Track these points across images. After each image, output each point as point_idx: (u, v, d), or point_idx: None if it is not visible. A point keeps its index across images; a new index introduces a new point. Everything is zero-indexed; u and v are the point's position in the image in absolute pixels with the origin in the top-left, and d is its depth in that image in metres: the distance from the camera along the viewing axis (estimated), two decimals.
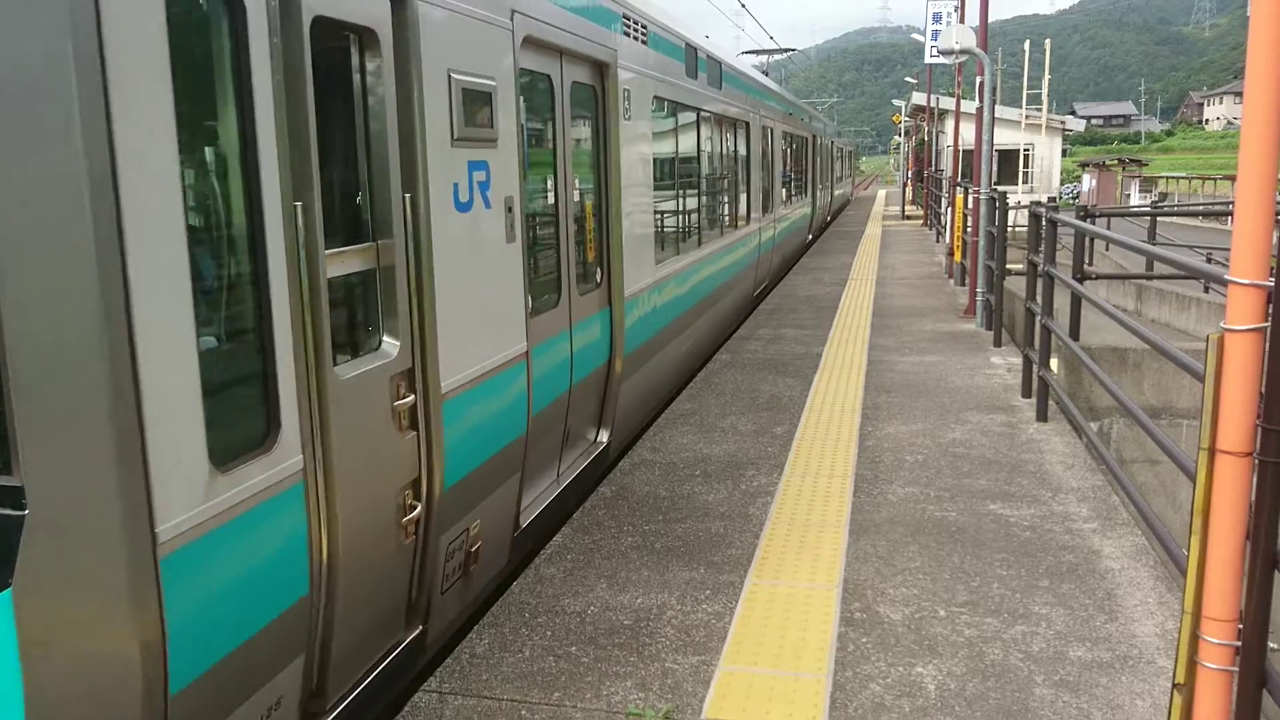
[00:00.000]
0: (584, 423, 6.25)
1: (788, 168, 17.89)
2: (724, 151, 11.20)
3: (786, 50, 32.32)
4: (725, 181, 11.41)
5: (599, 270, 6.34)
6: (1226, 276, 2.93)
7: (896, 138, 74.97)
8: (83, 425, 2.29)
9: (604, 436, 6.53)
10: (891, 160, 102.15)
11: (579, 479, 6.01)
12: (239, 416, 2.91)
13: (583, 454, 6.23)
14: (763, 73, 21.21)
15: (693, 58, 8.91)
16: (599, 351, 6.30)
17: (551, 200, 5.52)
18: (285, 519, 3.02)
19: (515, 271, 4.70)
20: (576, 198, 5.87)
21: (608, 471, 6.53)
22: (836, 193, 33.95)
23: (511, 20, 4.68)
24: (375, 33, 3.50)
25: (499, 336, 4.54)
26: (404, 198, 3.65)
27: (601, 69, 6.31)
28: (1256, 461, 2.90)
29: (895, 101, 62.89)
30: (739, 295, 12.23)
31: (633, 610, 4.42)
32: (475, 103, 4.17)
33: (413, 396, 3.70)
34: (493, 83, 4.35)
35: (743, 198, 12.49)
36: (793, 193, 18.66)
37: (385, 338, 3.61)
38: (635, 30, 6.99)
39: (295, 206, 3.04)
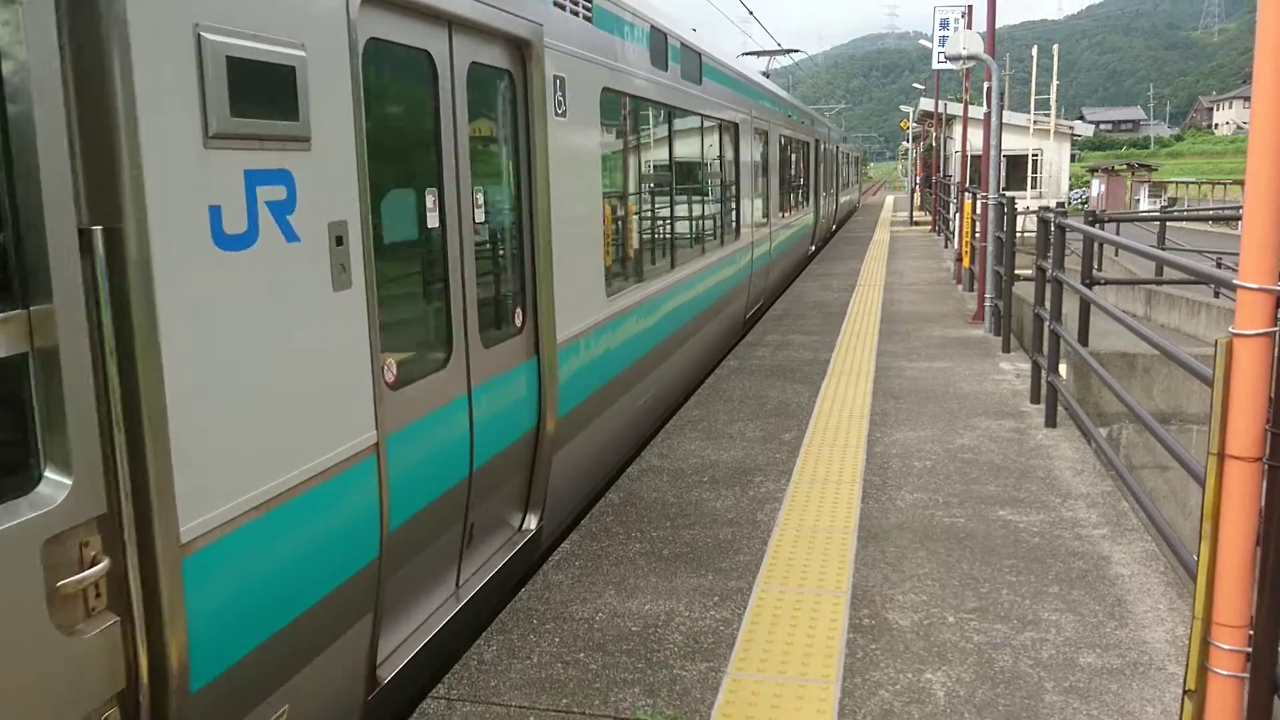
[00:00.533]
0: (502, 509, 4.92)
1: (787, 175, 16.74)
2: (706, 157, 9.99)
3: (789, 51, 31.64)
4: (708, 191, 10.18)
5: (518, 311, 4.96)
6: (1235, 281, 2.92)
7: (904, 143, 74.90)
8: None
9: (532, 522, 5.17)
10: (900, 166, 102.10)
11: (493, 583, 4.66)
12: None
13: (501, 549, 4.88)
14: (764, 74, 20.64)
15: (661, 44, 7.47)
16: (520, 416, 4.93)
17: (436, 223, 4.10)
18: None
19: (350, 330, 3.26)
20: (479, 218, 4.48)
21: (536, 567, 5.32)
22: (842, 199, 33.23)
23: None
24: None
25: (317, 431, 3.09)
26: (94, 232, 2.32)
27: (521, 49, 4.88)
28: (1266, 466, 2.89)
29: (903, 107, 62.82)
30: (726, 322, 10.74)
31: (641, 617, 4.41)
32: (258, 81, 2.79)
33: (107, 561, 2.36)
34: (298, 52, 2.96)
35: (731, 209, 11.18)
36: (793, 202, 17.60)
37: (48, 472, 2.27)
38: (574, 1, 5.56)
39: None
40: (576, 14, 5.58)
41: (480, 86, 4.55)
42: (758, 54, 28.65)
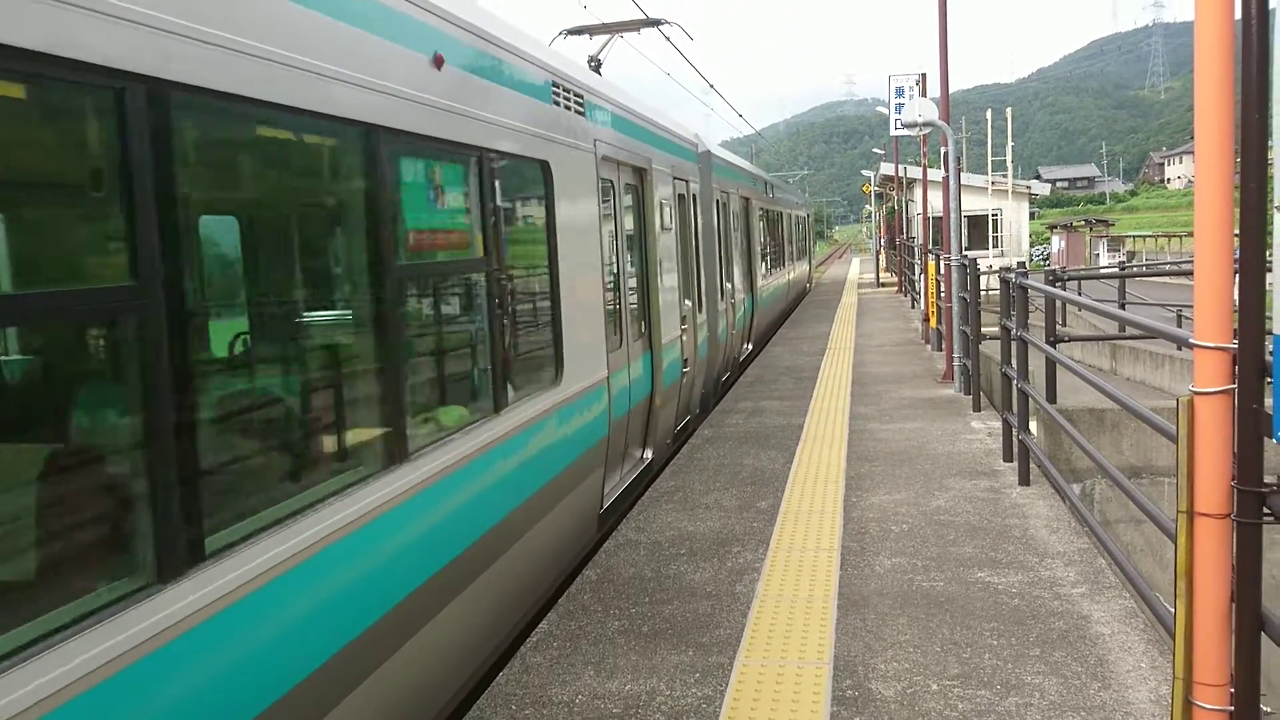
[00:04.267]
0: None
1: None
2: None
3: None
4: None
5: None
6: (1191, 340, 2.97)
7: (867, 207, 76.18)
8: None
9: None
10: (864, 229, 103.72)
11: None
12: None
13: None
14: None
15: None
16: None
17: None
18: None
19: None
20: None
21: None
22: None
23: None
24: None
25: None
26: None
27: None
28: (1235, 523, 2.91)
29: (864, 171, 64.06)
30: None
31: (621, 698, 4.33)
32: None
33: None
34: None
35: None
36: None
37: None
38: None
39: None
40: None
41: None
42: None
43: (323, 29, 3.46)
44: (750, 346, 16.04)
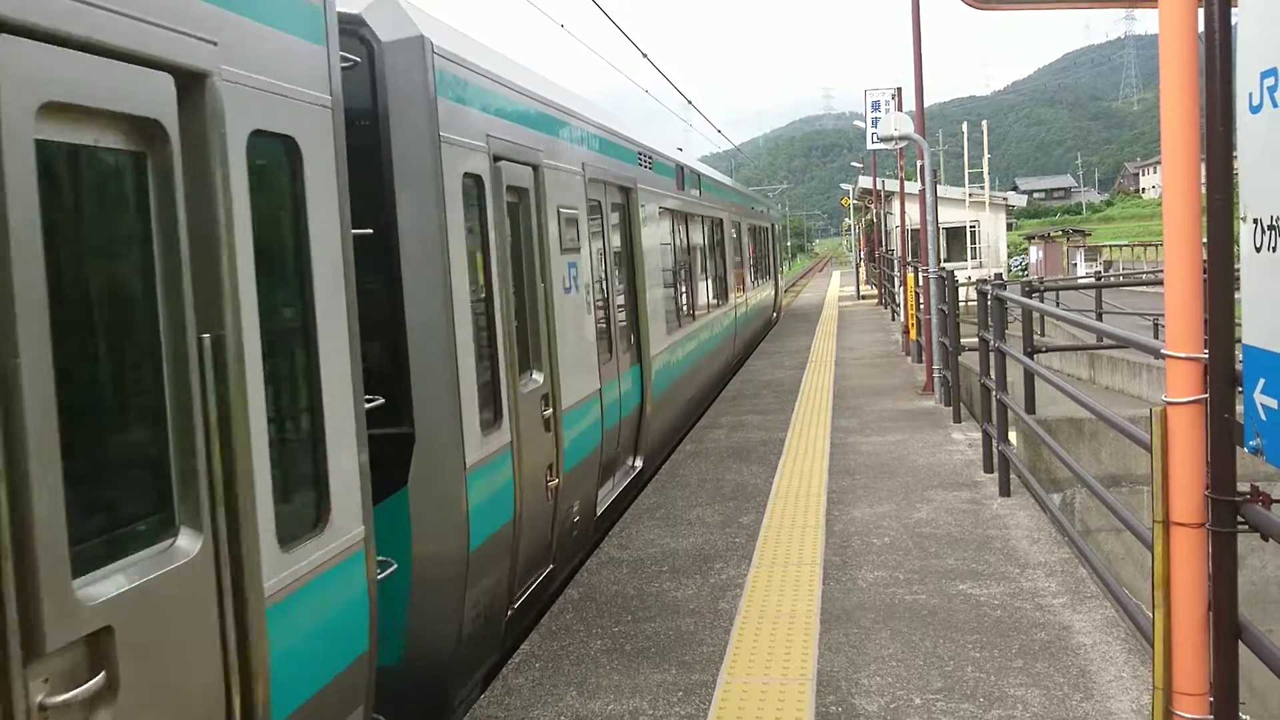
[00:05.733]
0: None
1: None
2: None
3: None
4: None
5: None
6: (1163, 351, 2.99)
7: (847, 220, 76.61)
8: None
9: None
10: (844, 242, 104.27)
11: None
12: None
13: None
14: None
15: None
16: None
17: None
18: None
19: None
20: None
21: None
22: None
23: None
24: None
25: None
26: None
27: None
28: (1209, 532, 2.92)
29: (844, 185, 64.46)
30: None
31: (604, 718, 4.30)
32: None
33: None
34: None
35: None
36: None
37: None
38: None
39: None
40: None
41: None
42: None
43: None
44: (639, 464, 8.61)
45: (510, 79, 5.79)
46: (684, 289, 11.95)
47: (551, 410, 5.84)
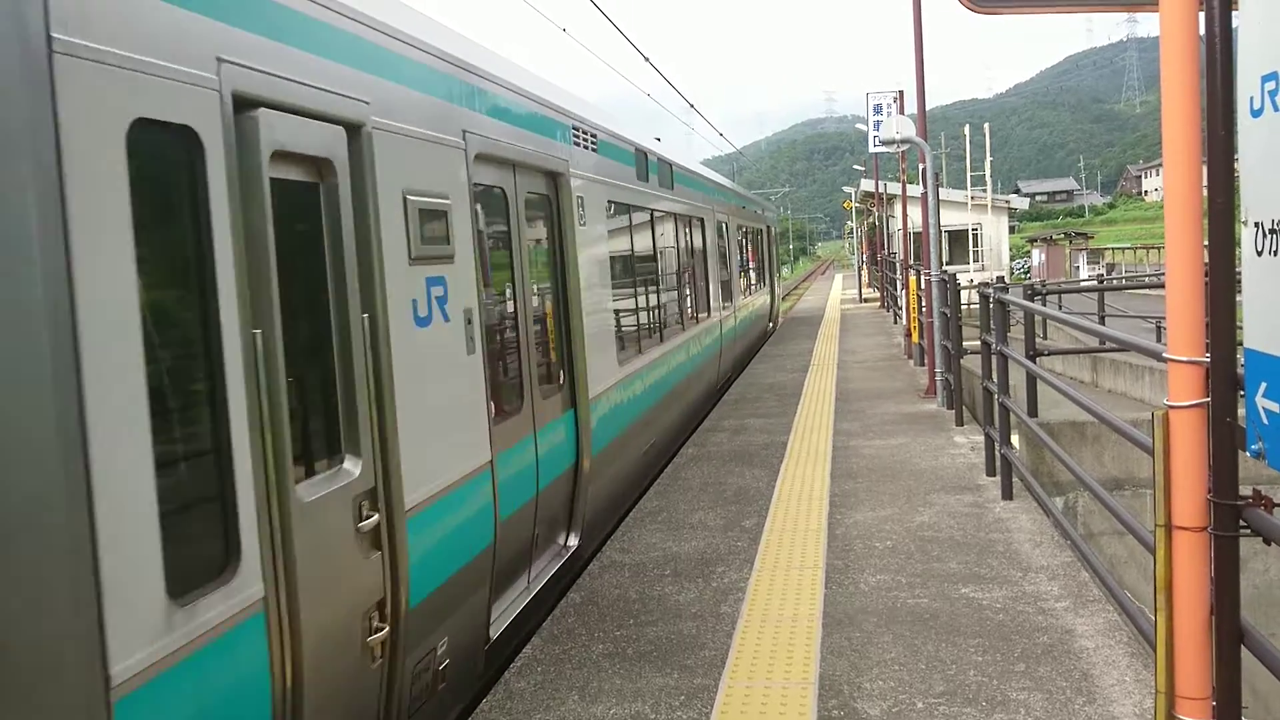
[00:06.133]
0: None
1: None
2: None
3: None
4: None
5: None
6: (1165, 355, 2.99)
7: (849, 223, 76.65)
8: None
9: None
10: (846, 245, 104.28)
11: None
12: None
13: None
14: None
15: None
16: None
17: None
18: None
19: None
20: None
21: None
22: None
23: None
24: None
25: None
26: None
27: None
28: (1212, 536, 2.91)
29: (845, 188, 64.42)
30: None
31: None
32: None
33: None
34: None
35: None
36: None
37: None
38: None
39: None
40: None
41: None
42: None
43: None
44: (574, 542, 6.70)
45: None
46: (648, 305, 9.69)
47: (380, 517, 3.79)
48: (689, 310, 12.09)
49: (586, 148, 7.38)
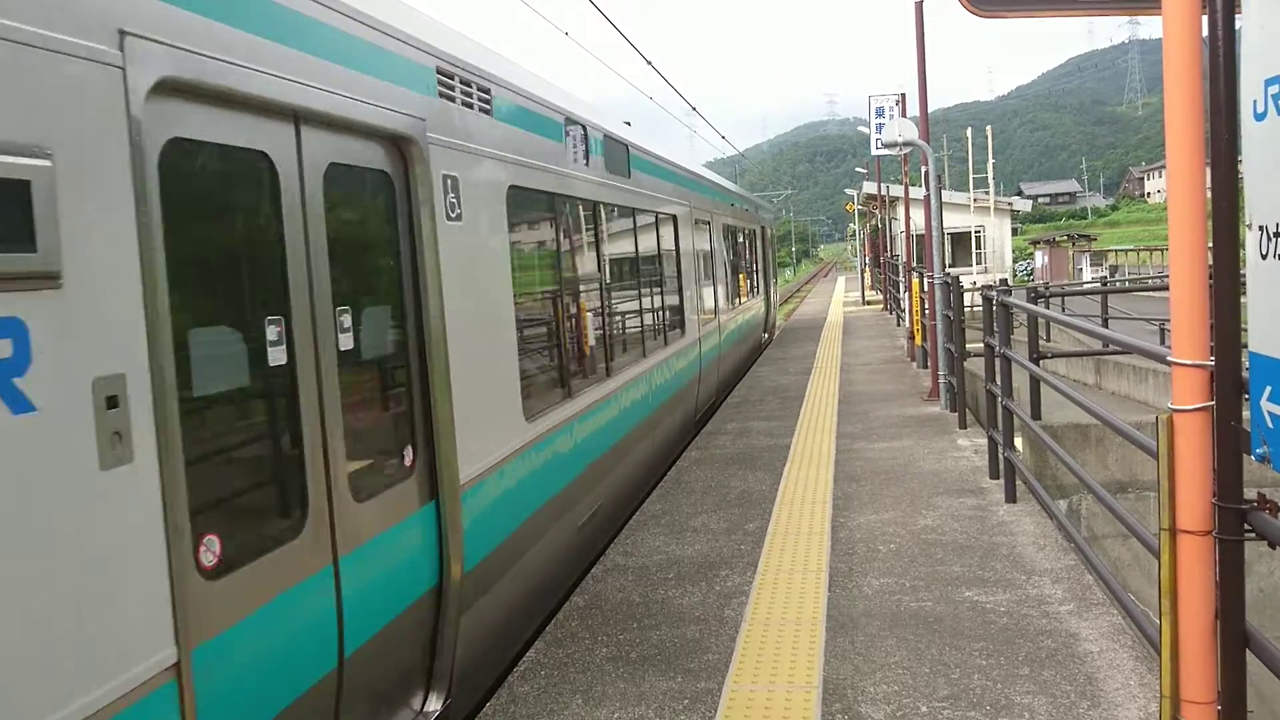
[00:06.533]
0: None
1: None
2: None
3: None
4: None
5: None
6: (1169, 358, 2.99)
7: (851, 225, 76.64)
8: None
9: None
10: (849, 247, 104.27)
11: None
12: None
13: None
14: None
15: None
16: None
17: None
18: None
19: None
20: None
21: None
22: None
23: None
24: None
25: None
26: None
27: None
28: (1216, 540, 2.91)
29: (848, 190, 64.43)
30: None
31: None
32: None
33: None
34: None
35: None
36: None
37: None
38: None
39: None
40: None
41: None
42: None
43: None
44: (435, 706, 4.49)
45: None
46: (584, 331, 7.28)
47: None
48: (652, 331, 9.62)
49: (468, 105, 5.04)
